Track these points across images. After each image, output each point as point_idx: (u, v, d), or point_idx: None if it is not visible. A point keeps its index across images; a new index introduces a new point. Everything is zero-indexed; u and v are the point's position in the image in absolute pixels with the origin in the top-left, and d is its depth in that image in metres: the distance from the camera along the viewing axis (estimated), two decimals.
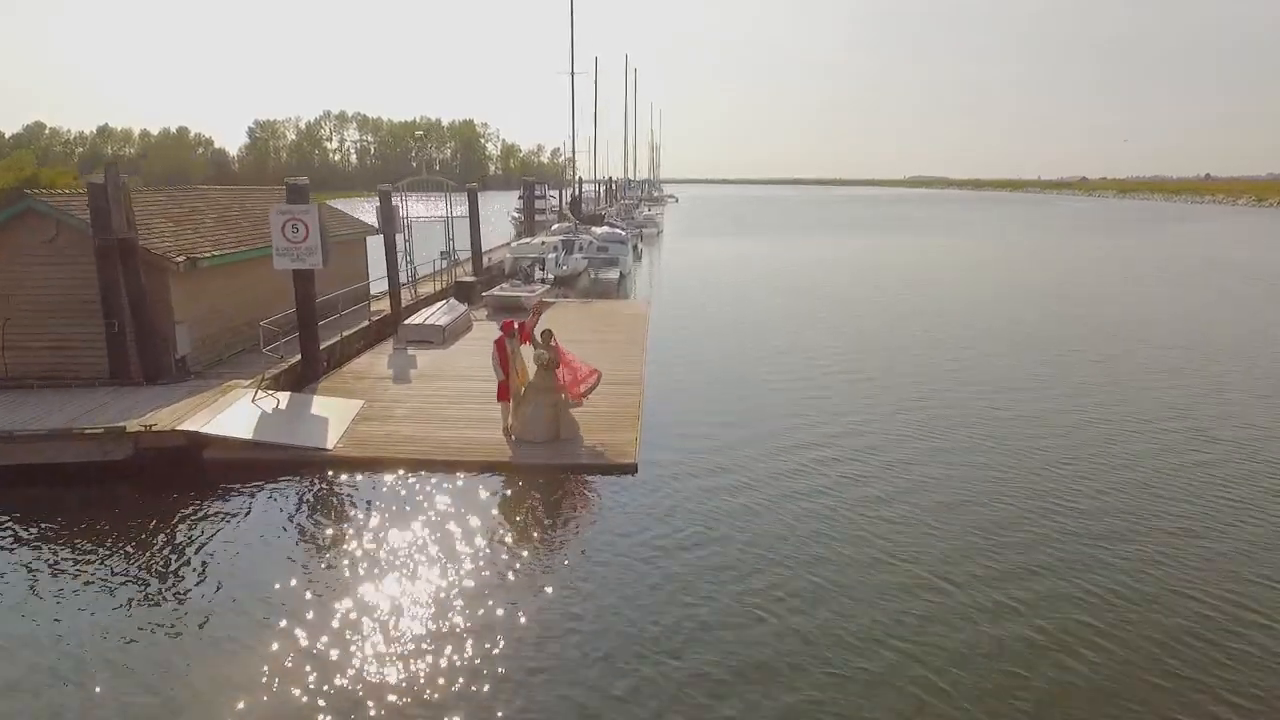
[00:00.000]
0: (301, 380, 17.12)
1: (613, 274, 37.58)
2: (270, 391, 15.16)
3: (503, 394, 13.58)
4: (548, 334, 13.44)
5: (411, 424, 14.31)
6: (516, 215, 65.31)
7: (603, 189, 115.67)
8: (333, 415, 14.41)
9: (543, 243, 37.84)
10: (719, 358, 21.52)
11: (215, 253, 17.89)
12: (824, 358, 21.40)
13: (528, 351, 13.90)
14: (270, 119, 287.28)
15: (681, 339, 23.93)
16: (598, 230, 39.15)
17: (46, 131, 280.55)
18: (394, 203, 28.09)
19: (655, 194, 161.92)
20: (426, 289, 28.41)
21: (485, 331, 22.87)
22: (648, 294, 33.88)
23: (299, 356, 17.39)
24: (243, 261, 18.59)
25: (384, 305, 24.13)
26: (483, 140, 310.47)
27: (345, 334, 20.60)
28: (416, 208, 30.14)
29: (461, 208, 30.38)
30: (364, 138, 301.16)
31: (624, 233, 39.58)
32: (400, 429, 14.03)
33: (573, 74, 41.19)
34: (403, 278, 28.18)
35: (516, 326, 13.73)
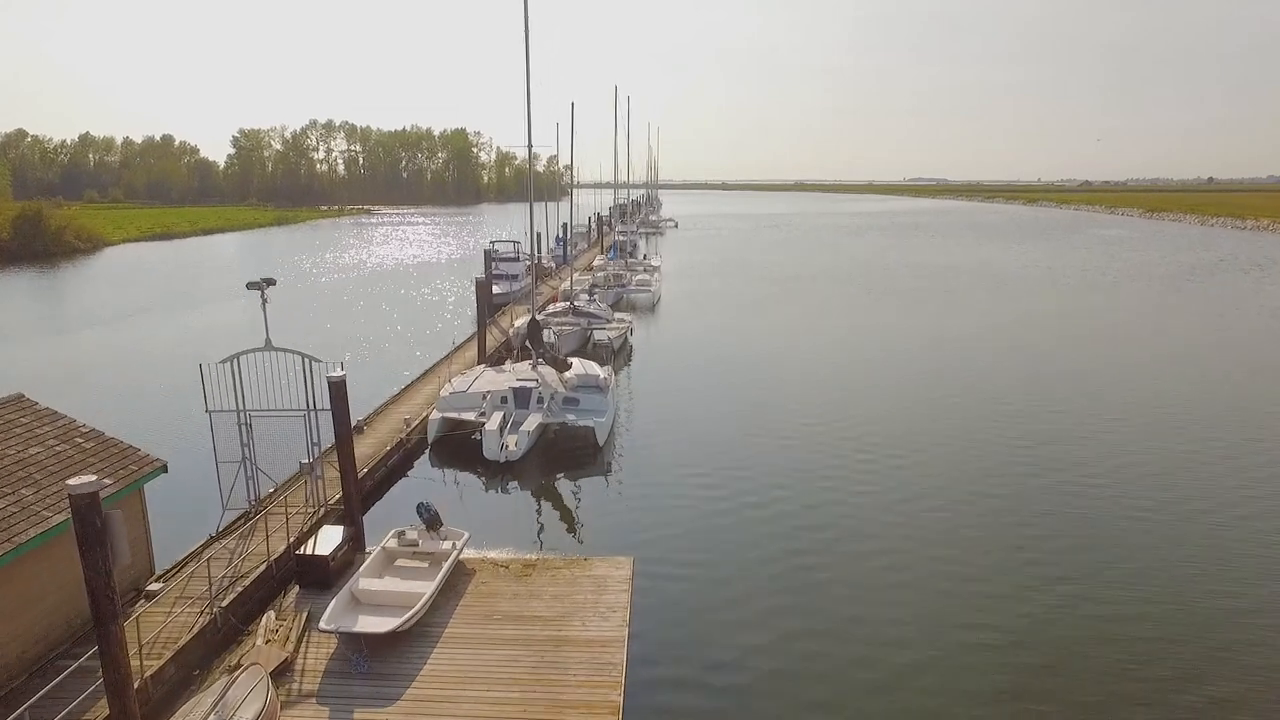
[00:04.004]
0: None
1: (587, 422, 25.93)
2: None
3: None
4: None
5: None
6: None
7: (594, 221, 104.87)
8: None
9: (485, 395, 26.29)
10: None
11: None
12: None
13: None
14: (255, 128, 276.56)
15: None
16: (568, 373, 27.52)
17: (28, 140, 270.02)
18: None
19: (652, 217, 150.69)
20: (252, 567, 16.84)
21: None
22: (630, 527, 21.87)
23: None
24: None
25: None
26: (475, 150, 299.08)
27: None
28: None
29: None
30: (352, 147, 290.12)
31: (602, 374, 27.94)
32: None
33: (530, 146, 29.40)
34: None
35: None
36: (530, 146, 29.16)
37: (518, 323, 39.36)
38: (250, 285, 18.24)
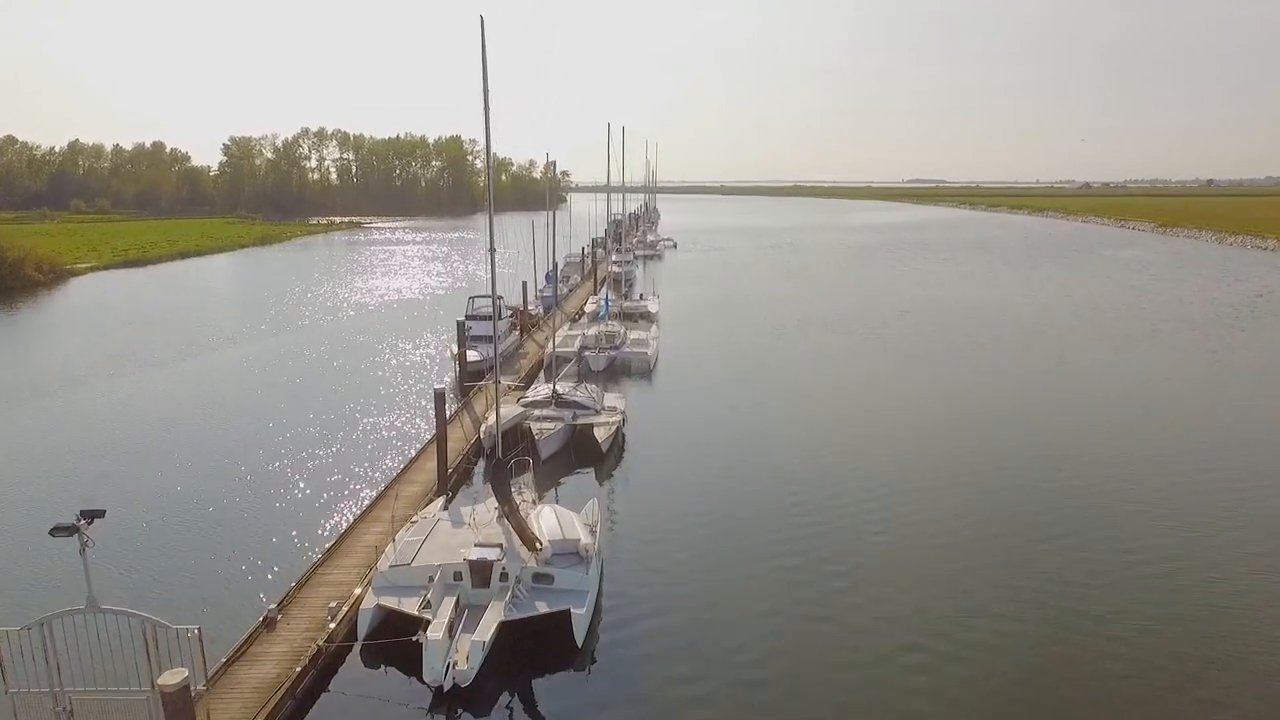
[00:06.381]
0: None
1: (562, 607, 20.18)
2: None
3: None
4: None
5: None
6: (453, 356, 47.78)
7: (588, 249, 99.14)
8: None
9: (432, 576, 20.65)
10: None
11: None
12: None
13: None
14: (246, 136, 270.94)
15: None
16: (544, 543, 21.61)
17: (16, 146, 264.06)
18: None
19: (650, 237, 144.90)
20: None
21: None
22: None
23: None
24: None
25: None
26: (470, 157, 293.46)
27: None
28: None
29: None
30: (344, 156, 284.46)
31: (583, 536, 22.21)
32: None
33: (490, 204, 23.70)
34: None
35: None
36: (491, 201, 23.53)
37: (489, 421, 33.70)
38: (57, 531, 12.63)
